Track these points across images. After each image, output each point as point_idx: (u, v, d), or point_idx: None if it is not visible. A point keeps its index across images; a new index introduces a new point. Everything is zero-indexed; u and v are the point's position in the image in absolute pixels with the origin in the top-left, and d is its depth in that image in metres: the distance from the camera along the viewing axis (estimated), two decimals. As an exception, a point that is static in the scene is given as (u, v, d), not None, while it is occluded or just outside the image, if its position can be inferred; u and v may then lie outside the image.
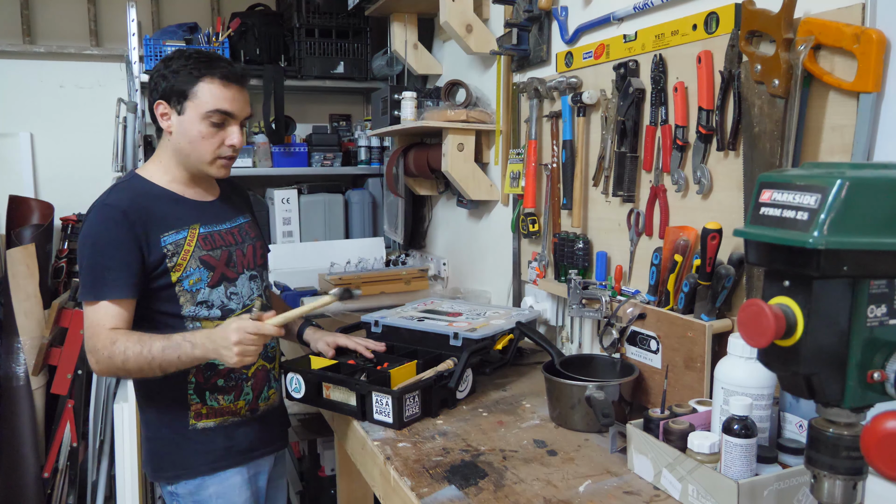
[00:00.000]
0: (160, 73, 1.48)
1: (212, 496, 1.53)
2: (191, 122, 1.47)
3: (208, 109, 1.46)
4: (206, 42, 3.00)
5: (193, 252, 1.49)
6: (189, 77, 1.45)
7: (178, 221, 1.49)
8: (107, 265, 1.41)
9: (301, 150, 3.20)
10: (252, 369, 1.57)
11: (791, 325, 0.70)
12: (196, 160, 1.50)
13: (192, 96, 1.46)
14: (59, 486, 2.79)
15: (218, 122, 1.48)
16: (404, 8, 2.70)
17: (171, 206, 1.50)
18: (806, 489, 1.04)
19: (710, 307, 1.35)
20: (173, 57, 1.49)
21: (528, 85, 1.96)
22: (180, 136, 1.48)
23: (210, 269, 1.51)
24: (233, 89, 1.48)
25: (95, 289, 1.40)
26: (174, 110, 1.48)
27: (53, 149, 3.33)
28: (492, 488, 1.17)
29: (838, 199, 0.67)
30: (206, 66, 1.46)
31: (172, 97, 1.47)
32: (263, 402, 1.60)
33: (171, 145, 1.51)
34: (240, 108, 1.50)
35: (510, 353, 1.74)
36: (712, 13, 1.37)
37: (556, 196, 1.91)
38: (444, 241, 2.88)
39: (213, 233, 1.55)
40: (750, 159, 1.30)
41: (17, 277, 2.77)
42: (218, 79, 1.47)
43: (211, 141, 1.48)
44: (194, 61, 1.47)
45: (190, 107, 1.46)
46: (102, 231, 1.42)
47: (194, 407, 1.52)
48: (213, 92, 1.46)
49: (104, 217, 1.43)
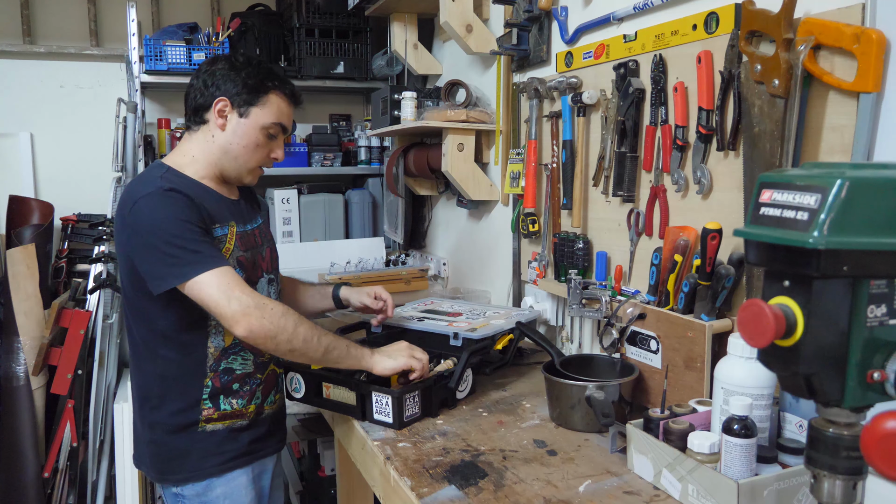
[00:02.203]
0: (225, 72, 1.48)
1: (219, 497, 1.52)
2: (250, 128, 1.49)
3: (272, 121, 1.50)
4: (206, 42, 3.00)
5: (233, 251, 1.48)
6: (262, 85, 1.48)
7: (221, 217, 1.48)
8: (198, 240, 1.36)
9: (301, 150, 3.20)
10: (265, 373, 1.57)
11: (791, 325, 0.70)
12: (240, 164, 1.51)
13: (261, 104, 1.48)
14: (59, 486, 2.79)
15: (273, 134, 1.52)
16: (404, 8, 2.70)
17: (212, 201, 1.48)
18: (806, 489, 1.04)
19: (710, 307, 1.35)
20: (239, 60, 1.51)
21: (528, 85, 1.96)
22: (234, 136, 1.49)
23: (244, 269, 1.49)
24: (292, 108, 1.56)
25: (202, 262, 1.34)
26: (236, 111, 1.48)
27: (53, 149, 3.33)
28: (492, 488, 1.17)
29: (838, 199, 0.67)
30: (279, 81, 1.52)
31: (238, 98, 1.47)
32: (269, 406, 1.60)
33: (217, 143, 1.49)
34: (290, 126, 1.57)
35: (510, 353, 1.74)
36: (712, 13, 1.37)
37: (556, 196, 1.91)
38: (444, 241, 2.88)
39: (246, 232, 1.55)
40: (750, 159, 1.30)
41: (17, 277, 2.77)
42: (286, 95, 1.53)
43: (262, 151, 1.52)
44: (267, 72, 1.51)
45: (255, 113, 1.48)
46: (179, 212, 1.37)
47: (206, 412, 1.49)
48: (280, 106, 1.51)
49: (173, 201, 1.38)
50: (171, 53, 2.93)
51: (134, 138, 2.88)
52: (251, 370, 1.54)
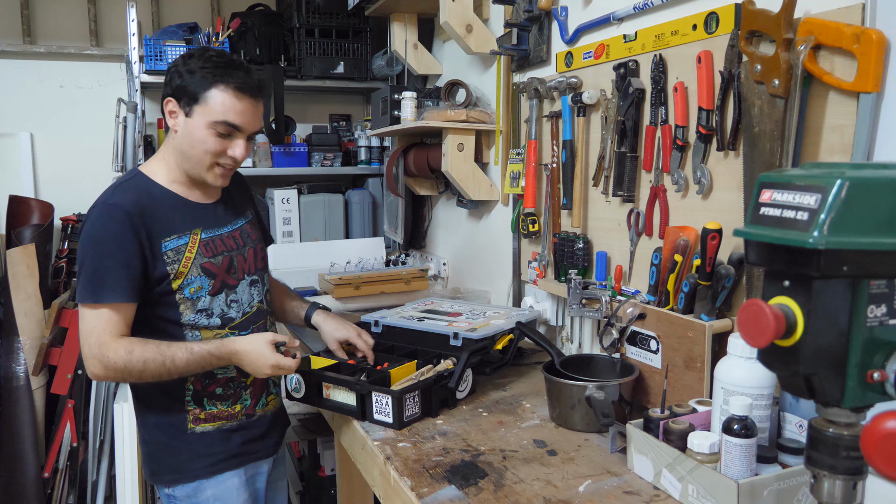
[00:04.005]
0: (177, 69, 1.43)
1: (209, 499, 1.52)
2: (196, 127, 1.42)
3: (215, 119, 1.41)
4: (206, 42, 3.00)
5: (195, 259, 1.46)
6: (203, 80, 1.40)
7: (180, 226, 1.46)
8: (109, 267, 1.37)
9: (301, 150, 3.20)
10: (251, 377, 1.55)
11: (791, 325, 0.70)
12: (194, 165, 1.46)
13: (203, 101, 1.41)
14: (59, 486, 2.79)
15: (224, 132, 1.43)
16: (404, 8, 2.70)
17: (174, 209, 1.47)
18: (806, 489, 1.04)
19: (710, 307, 1.35)
20: (193, 55, 1.44)
21: (528, 85, 1.96)
22: (183, 137, 1.44)
23: (211, 276, 1.48)
24: (245, 101, 1.43)
25: (96, 291, 1.37)
26: (182, 111, 1.43)
27: (53, 149, 3.33)
28: (492, 488, 1.17)
29: (838, 199, 0.67)
30: (222, 73, 1.40)
31: (183, 97, 1.42)
32: (261, 409, 1.60)
33: (174, 145, 1.47)
34: (249, 121, 1.45)
35: (510, 353, 1.74)
36: (712, 13, 1.37)
37: (556, 196, 1.91)
38: (444, 241, 2.88)
39: (214, 238, 1.52)
40: (750, 159, 1.30)
41: (17, 277, 2.77)
42: (232, 88, 1.41)
43: (212, 150, 1.44)
44: (212, 65, 1.41)
45: (198, 111, 1.41)
46: (105, 231, 1.38)
47: (192, 412, 1.50)
48: (224, 101, 1.41)
49: (108, 217, 1.39)
50: (171, 53, 2.93)
51: (134, 138, 2.88)
52: (234, 374, 1.53)
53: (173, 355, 1.38)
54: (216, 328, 1.50)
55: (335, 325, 1.71)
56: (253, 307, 1.57)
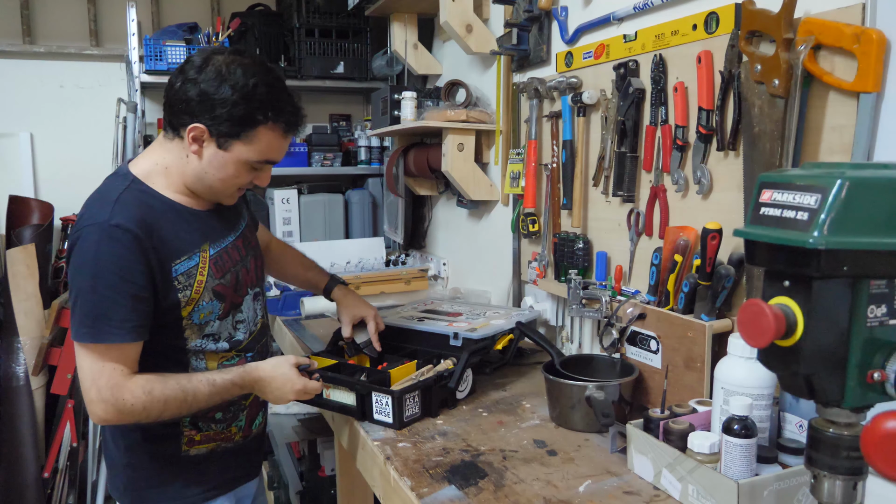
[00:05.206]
0: (209, 87, 1.22)
1: None
2: (229, 162, 1.28)
3: (258, 159, 1.29)
4: (206, 42, 3.00)
5: (206, 283, 1.33)
6: (250, 116, 1.24)
7: (189, 244, 1.32)
8: (116, 301, 1.20)
9: (301, 150, 3.20)
10: (250, 399, 1.48)
11: (791, 325, 0.70)
12: (214, 193, 1.35)
13: (247, 140, 1.26)
14: (59, 486, 2.79)
15: (258, 168, 1.33)
16: (404, 8, 2.70)
17: (178, 223, 1.32)
18: (806, 489, 1.04)
19: (710, 307, 1.35)
20: (234, 76, 1.23)
21: (528, 85, 1.96)
22: (210, 167, 1.29)
23: (222, 300, 1.37)
24: (289, 139, 1.33)
25: (101, 330, 1.20)
26: (215, 141, 1.26)
27: (53, 149, 3.34)
28: (492, 488, 1.17)
29: (838, 199, 0.67)
30: (274, 108, 1.25)
31: (220, 129, 1.24)
32: (255, 429, 1.54)
33: (190, 167, 1.30)
34: (284, 152, 1.35)
35: (510, 353, 1.74)
36: (712, 13, 1.37)
37: (556, 196, 1.91)
38: (444, 241, 2.88)
39: (221, 252, 1.39)
40: (750, 159, 1.30)
41: (17, 277, 2.77)
42: (282, 128, 1.29)
43: (242, 183, 1.35)
44: (261, 99, 1.24)
45: (237, 147, 1.26)
46: (108, 258, 1.20)
47: (187, 433, 1.39)
48: (270, 142, 1.28)
49: (112, 241, 1.20)
50: (170, 53, 2.93)
51: (134, 138, 2.89)
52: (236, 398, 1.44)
53: (195, 390, 1.26)
54: (223, 352, 1.40)
55: (355, 300, 1.71)
56: (257, 324, 1.49)
